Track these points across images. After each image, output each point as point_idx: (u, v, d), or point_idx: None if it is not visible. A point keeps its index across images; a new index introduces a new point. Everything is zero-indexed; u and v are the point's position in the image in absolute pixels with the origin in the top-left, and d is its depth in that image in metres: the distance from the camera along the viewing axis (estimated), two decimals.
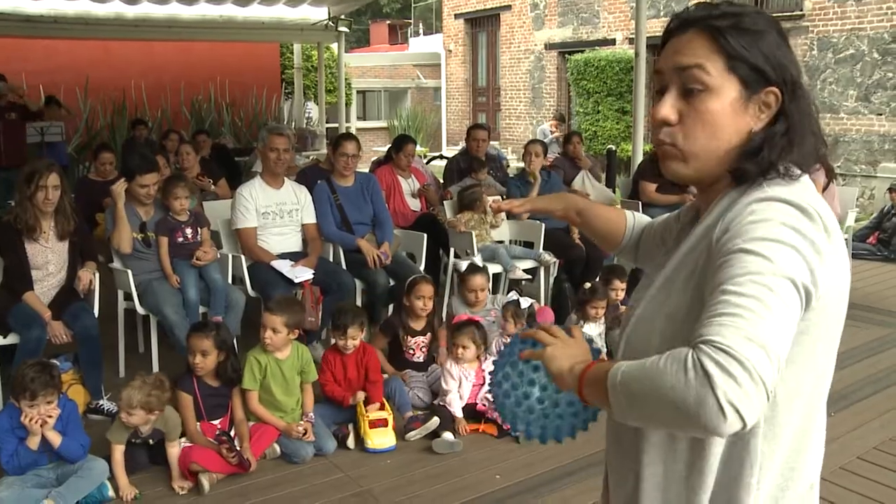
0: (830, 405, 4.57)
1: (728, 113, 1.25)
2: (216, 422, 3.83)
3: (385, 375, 4.39)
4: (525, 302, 4.79)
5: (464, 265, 5.46)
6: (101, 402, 4.28)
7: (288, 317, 3.94)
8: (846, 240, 7.28)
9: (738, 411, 1.02)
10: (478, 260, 5.50)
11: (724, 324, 1.07)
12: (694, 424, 1.05)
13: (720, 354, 1.04)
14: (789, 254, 1.13)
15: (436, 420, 4.04)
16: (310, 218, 5.37)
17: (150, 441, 3.64)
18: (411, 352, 4.70)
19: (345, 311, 4.23)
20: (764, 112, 1.26)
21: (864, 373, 5.08)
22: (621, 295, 5.36)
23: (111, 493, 3.48)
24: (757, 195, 1.22)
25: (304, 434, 3.87)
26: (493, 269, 5.90)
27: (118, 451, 3.53)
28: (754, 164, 1.24)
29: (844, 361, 5.31)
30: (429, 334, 4.74)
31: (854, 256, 7.59)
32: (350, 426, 4.09)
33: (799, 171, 1.26)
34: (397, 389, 4.28)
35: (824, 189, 6.90)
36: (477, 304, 5.11)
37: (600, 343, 5.03)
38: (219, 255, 4.97)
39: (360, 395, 4.11)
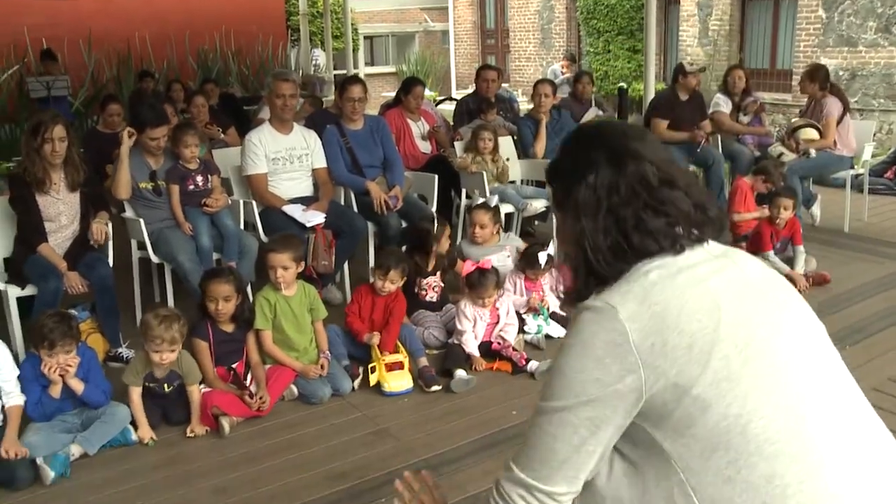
0: (845, 339, 4.63)
1: (565, 231, 1.46)
2: (232, 367, 3.86)
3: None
4: (542, 257, 4.78)
5: (480, 202, 5.45)
6: (119, 350, 4.32)
7: (293, 252, 3.97)
8: (861, 175, 7.19)
9: None
10: (493, 200, 5.47)
11: (505, 469, 1.42)
12: None
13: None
14: (584, 370, 1.26)
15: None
16: (320, 162, 5.34)
17: (165, 386, 3.67)
18: (424, 292, 4.72)
19: (391, 253, 4.34)
20: (574, 234, 1.42)
21: (879, 306, 5.08)
22: None
23: (134, 437, 3.54)
24: (586, 303, 1.34)
25: (322, 369, 3.94)
26: (505, 209, 5.88)
27: (135, 394, 3.59)
28: (576, 283, 1.43)
29: (858, 296, 5.31)
30: (439, 273, 4.76)
31: (870, 191, 7.51)
32: (360, 368, 4.14)
33: (624, 265, 1.35)
34: (409, 336, 4.30)
35: (839, 122, 6.80)
36: (486, 242, 5.11)
37: None
38: (230, 202, 4.96)
39: (376, 338, 4.15)
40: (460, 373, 4.05)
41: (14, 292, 4.18)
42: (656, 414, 1.23)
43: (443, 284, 4.81)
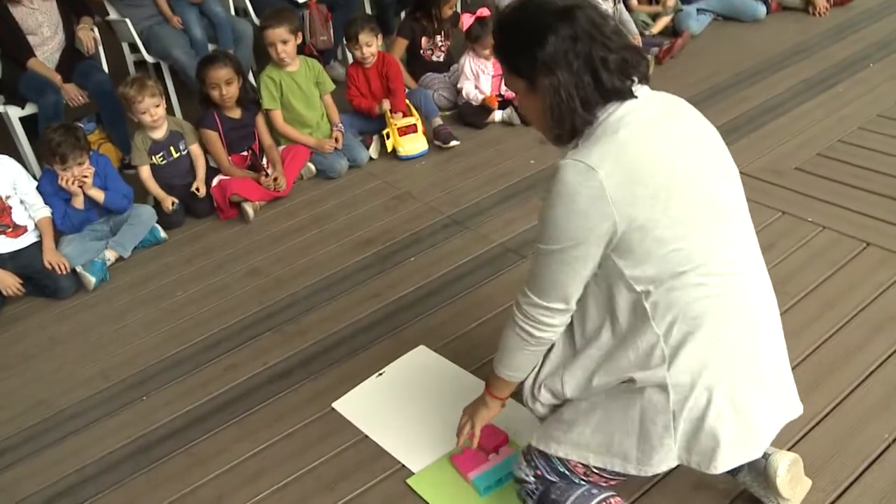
0: (868, 57, 4.44)
1: (527, 100, 1.60)
2: (245, 152, 3.83)
3: (408, 88, 4.31)
4: None
5: None
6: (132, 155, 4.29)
7: (288, 24, 3.81)
8: None
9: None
10: None
11: (519, 293, 1.66)
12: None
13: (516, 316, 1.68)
14: (570, 221, 1.49)
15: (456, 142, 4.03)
16: None
17: (172, 150, 3.71)
18: (430, 52, 4.56)
19: (353, 21, 4.07)
20: (548, 91, 1.52)
21: None
22: None
23: (163, 234, 3.60)
24: (567, 158, 1.51)
25: (337, 142, 3.91)
26: None
27: (145, 172, 3.68)
28: (555, 132, 1.58)
29: (885, 10, 5.05)
30: (443, 32, 4.56)
31: None
32: (374, 137, 4.09)
33: (596, 117, 1.52)
34: (423, 98, 4.20)
35: None
36: None
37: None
38: None
39: (386, 103, 4.06)
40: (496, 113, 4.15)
41: (15, 112, 4.11)
42: (624, 248, 1.49)
43: (448, 43, 4.62)
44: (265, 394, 2.54)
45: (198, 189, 3.68)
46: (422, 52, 4.54)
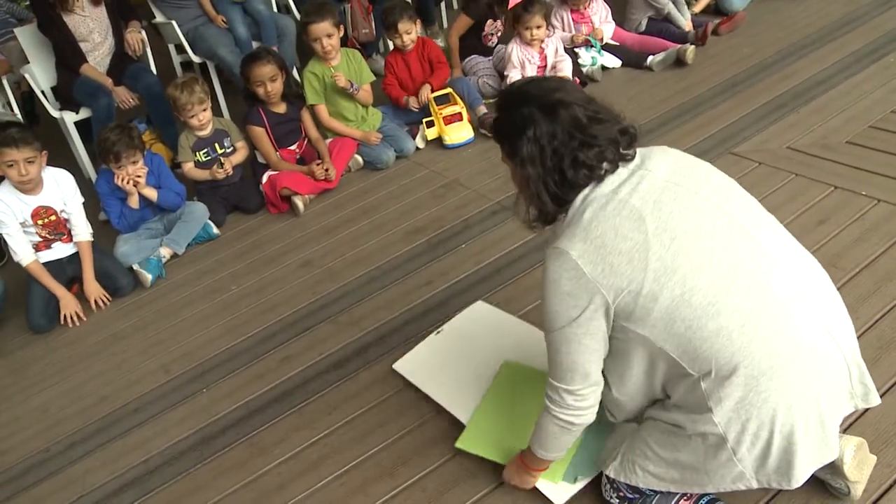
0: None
1: (514, 178, 1.71)
2: (293, 147, 3.88)
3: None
4: None
5: None
6: None
7: (331, 17, 3.83)
8: None
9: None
10: None
11: (547, 385, 1.71)
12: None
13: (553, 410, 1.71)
14: (562, 303, 1.58)
15: None
16: None
17: (217, 146, 3.78)
18: (490, 36, 4.55)
19: (390, 9, 4.08)
20: (523, 182, 1.66)
21: None
22: None
23: (216, 230, 3.67)
24: (549, 247, 1.61)
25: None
26: None
27: (188, 166, 3.78)
28: (533, 214, 1.70)
29: None
30: (504, 17, 4.54)
31: None
32: (420, 126, 4.09)
33: (571, 206, 1.61)
34: (466, 87, 4.20)
35: None
36: None
37: None
38: None
39: (426, 89, 4.07)
40: None
41: (70, 118, 4.23)
42: (624, 314, 1.55)
43: (502, 29, 4.61)
44: (322, 383, 2.57)
45: (223, 165, 3.74)
46: (483, 34, 4.53)
